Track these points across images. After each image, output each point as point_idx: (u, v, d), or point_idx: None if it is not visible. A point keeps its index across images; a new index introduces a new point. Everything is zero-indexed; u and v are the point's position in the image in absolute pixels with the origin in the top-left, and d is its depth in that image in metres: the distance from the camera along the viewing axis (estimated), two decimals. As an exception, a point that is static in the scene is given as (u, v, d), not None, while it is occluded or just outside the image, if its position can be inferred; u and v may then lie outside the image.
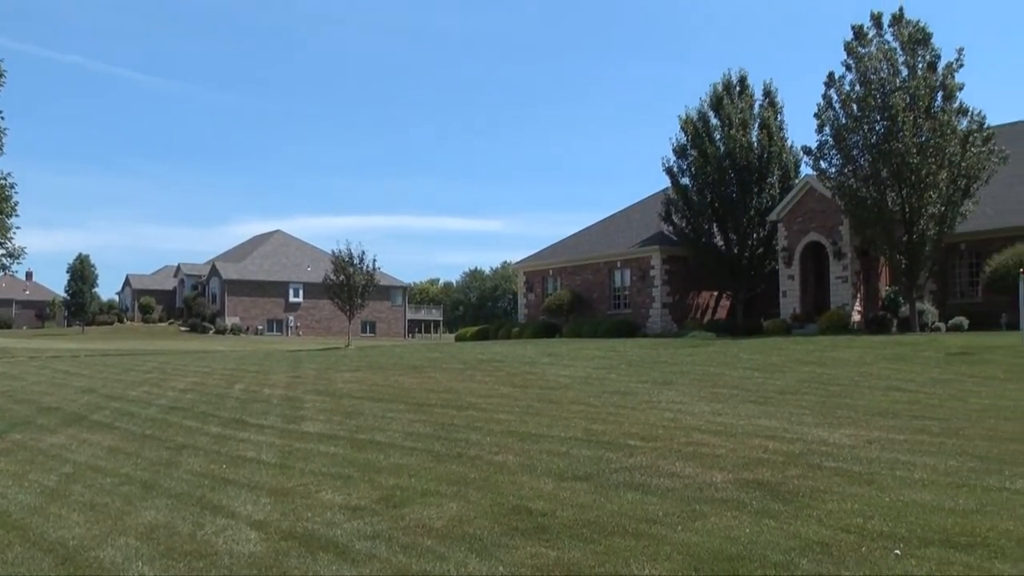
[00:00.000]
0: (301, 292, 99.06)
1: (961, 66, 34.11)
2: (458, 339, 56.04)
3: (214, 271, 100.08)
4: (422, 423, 15.29)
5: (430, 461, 11.76)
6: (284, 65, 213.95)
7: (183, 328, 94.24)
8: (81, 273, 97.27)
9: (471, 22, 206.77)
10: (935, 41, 34.36)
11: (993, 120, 35.13)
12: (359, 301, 62.69)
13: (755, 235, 43.50)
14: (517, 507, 9.05)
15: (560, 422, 14.88)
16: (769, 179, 43.43)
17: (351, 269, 61.74)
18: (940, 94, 33.88)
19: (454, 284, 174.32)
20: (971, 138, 33.35)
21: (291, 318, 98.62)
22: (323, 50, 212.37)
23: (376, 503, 9.52)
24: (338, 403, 18.62)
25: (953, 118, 33.36)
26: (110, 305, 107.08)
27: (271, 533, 8.51)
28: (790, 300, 40.08)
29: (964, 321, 34.11)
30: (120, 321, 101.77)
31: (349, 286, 61.56)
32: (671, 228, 45.21)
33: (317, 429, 15.13)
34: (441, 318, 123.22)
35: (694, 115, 44.36)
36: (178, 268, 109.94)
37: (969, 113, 33.85)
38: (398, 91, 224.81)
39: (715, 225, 43.58)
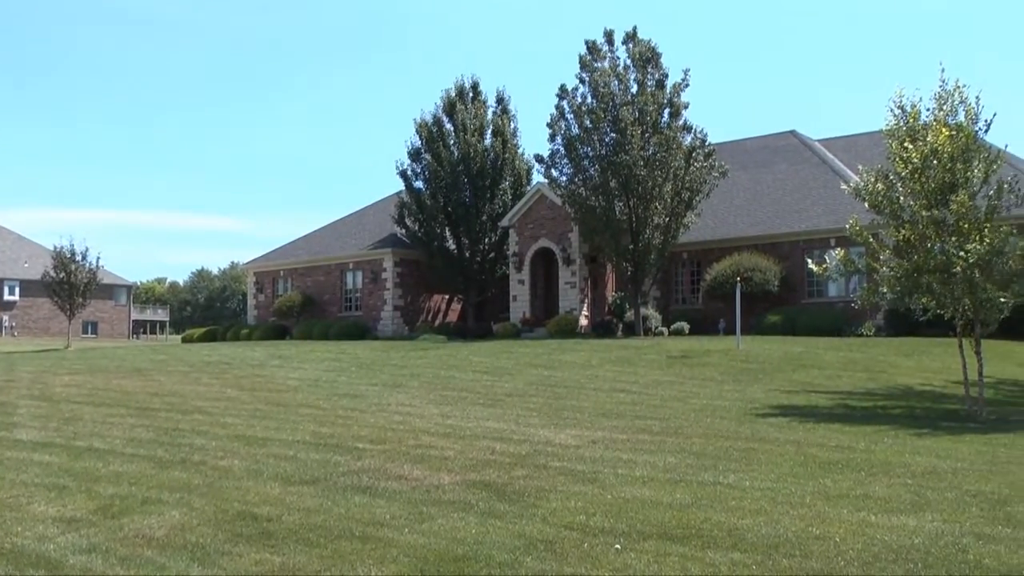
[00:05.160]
0: (17, 290, 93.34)
1: (687, 86, 35.91)
2: (185, 340, 54.49)
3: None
4: (145, 428, 14.78)
5: (152, 468, 11.37)
6: (7, 49, 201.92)
7: None
8: None
9: (205, 14, 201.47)
10: (664, 61, 36.13)
11: (714, 138, 37.26)
12: (80, 300, 59.85)
13: (487, 240, 44.23)
14: (242, 513, 8.87)
15: (288, 425, 14.71)
16: (502, 185, 44.32)
17: (73, 266, 58.85)
18: (667, 111, 35.46)
19: (181, 284, 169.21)
20: (694, 154, 35.11)
21: (6, 317, 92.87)
22: (48, 36, 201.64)
23: (93, 514, 9.11)
24: (55, 408, 17.74)
25: (679, 134, 35.00)
26: None
27: (-25, 550, 7.98)
28: (520, 304, 40.89)
29: (685, 326, 35.82)
30: None
31: (70, 284, 58.68)
32: (404, 231, 45.38)
33: (31, 436, 14.34)
34: (168, 319, 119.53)
35: (429, 119, 44.70)
36: None
37: (693, 130, 35.69)
38: (122, 82, 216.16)
39: (448, 229, 44.01)
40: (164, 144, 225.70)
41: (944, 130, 16.24)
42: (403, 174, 45.04)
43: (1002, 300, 15.83)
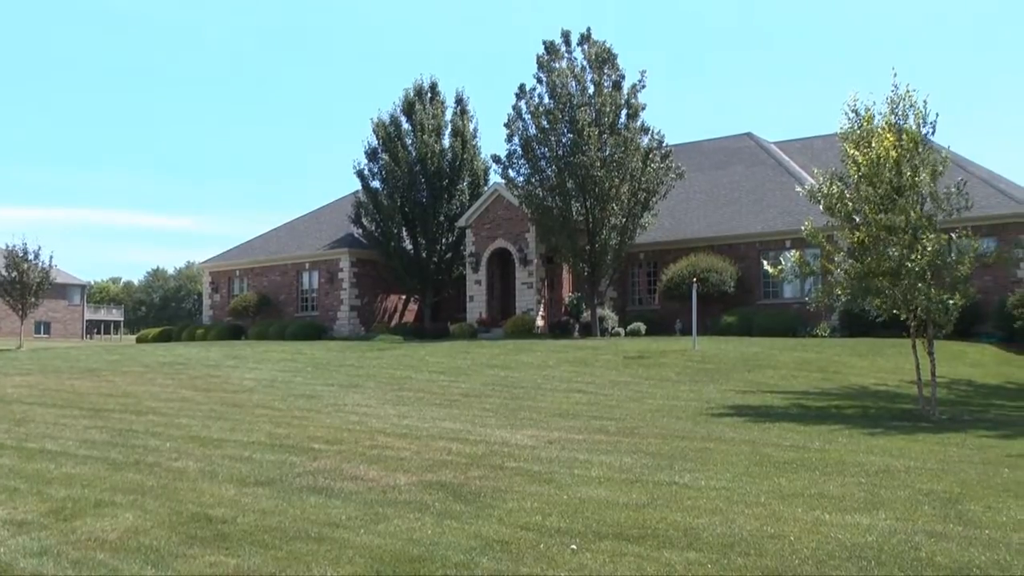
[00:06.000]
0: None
1: (644, 87, 36.07)
2: (140, 341, 54.05)
3: None
4: (98, 430, 14.64)
5: (106, 470, 11.25)
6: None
7: None
8: None
9: (158, 9, 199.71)
10: (621, 63, 36.31)
11: (671, 140, 37.42)
12: (33, 300, 59.17)
13: (444, 240, 44.17)
14: (197, 515, 8.80)
15: (244, 426, 14.63)
16: (460, 185, 44.29)
17: (25, 265, 58.17)
18: (625, 112, 35.62)
19: (136, 284, 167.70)
20: (651, 155, 35.26)
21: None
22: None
23: (45, 517, 8.99)
24: (6, 409, 17.53)
25: (636, 135, 35.11)
26: None
27: (-77, 554, 7.84)
28: (477, 305, 40.85)
29: (642, 326, 35.97)
30: None
31: (22, 283, 58.01)
32: (361, 231, 45.25)
33: (-20, 438, 14.17)
34: (122, 319, 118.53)
35: (386, 119, 44.58)
36: None
37: (650, 132, 35.82)
38: (76, 78, 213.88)
39: (405, 229, 43.93)
40: (119, 142, 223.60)
41: (889, 136, 16.41)
42: (360, 174, 44.86)
43: (950, 303, 16.01)
